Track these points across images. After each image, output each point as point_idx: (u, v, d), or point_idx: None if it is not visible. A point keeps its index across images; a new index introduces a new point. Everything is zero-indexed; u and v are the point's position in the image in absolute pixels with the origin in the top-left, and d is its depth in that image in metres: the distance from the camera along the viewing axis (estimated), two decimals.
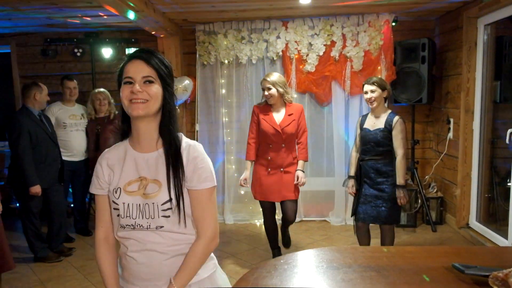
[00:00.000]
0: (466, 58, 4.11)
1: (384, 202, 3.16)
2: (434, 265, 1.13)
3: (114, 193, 1.35)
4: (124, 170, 1.37)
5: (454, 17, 4.33)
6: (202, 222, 1.34)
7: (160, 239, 1.31)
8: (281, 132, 3.39)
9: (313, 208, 4.99)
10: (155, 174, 1.33)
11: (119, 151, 1.42)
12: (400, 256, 1.19)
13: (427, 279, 0.93)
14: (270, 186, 3.44)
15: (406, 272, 1.10)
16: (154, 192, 1.30)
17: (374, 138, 3.17)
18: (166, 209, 1.30)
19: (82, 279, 3.55)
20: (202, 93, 4.94)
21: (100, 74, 5.12)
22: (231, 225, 4.86)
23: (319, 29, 4.58)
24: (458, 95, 4.30)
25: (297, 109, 3.48)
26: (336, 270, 1.11)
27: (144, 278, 1.34)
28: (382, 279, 1.05)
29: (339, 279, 1.05)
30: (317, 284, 1.04)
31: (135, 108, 1.29)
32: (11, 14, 4.17)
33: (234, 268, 3.68)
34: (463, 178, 4.29)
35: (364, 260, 1.16)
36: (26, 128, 3.65)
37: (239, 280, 1.09)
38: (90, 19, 4.40)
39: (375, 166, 3.19)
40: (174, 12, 4.24)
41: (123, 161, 1.38)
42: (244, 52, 4.72)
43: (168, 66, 1.38)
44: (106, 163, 1.41)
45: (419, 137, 4.80)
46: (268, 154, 3.45)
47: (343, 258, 1.19)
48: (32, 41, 5.15)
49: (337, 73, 4.62)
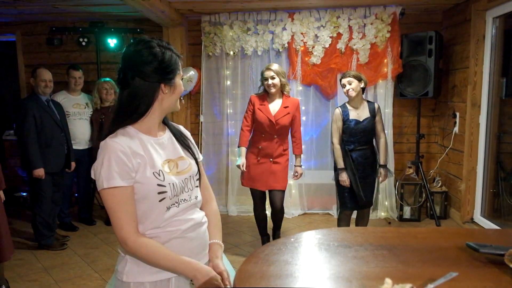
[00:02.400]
0: (473, 51, 4.07)
1: (371, 188, 3.50)
2: (447, 245, 1.12)
3: (157, 177, 1.30)
4: (153, 155, 1.33)
5: (462, 10, 4.29)
6: (208, 188, 1.55)
7: (197, 209, 1.44)
8: (274, 123, 3.48)
9: (316, 201, 4.97)
10: (176, 152, 1.41)
11: (132, 139, 1.32)
12: (412, 237, 1.18)
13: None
14: (258, 175, 3.55)
15: (419, 251, 1.08)
16: (186, 166, 1.41)
17: (366, 127, 3.41)
18: (197, 180, 1.45)
19: (86, 266, 3.56)
20: (207, 84, 4.92)
21: (105, 64, 5.10)
22: (235, 217, 4.85)
23: (325, 21, 4.55)
24: (464, 89, 4.26)
25: (293, 102, 3.57)
26: (348, 248, 1.10)
27: (196, 252, 1.38)
28: (395, 257, 1.04)
29: (351, 256, 1.04)
30: (328, 260, 1.03)
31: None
32: (17, 2, 4.16)
33: (237, 258, 3.68)
34: (469, 173, 4.27)
35: (375, 239, 1.14)
36: (31, 113, 3.68)
37: (250, 256, 1.07)
38: (96, 7, 4.38)
39: (364, 154, 3.44)
40: (180, 2, 4.22)
41: (145, 147, 1.33)
42: (250, 43, 4.69)
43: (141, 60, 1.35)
44: (129, 152, 1.28)
45: (424, 131, 4.78)
46: (259, 143, 3.55)
47: (354, 237, 1.18)
48: (37, 30, 5.14)
49: (343, 66, 4.59)
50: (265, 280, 0.92)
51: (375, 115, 3.43)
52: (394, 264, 0.99)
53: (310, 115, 4.85)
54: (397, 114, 4.85)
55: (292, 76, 4.70)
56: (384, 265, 0.97)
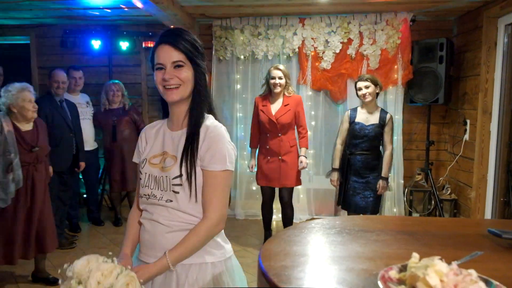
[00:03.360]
0: (485, 58, 4.07)
1: (372, 192, 3.44)
2: (468, 232, 1.11)
3: (141, 164, 1.45)
4: (154, 144, 1.45)
5: (473, 17, 4.31)
6: (209, 204, 1.32)
7: (167, 212, 1.35)
8: (275, 121, 3.65)
9: (324, 207, 4.95)
10: (175, 150, 1.38)
11: (157, 127, 1.49)
12: (432, 225, 1.17)
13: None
14: (271, 173, 3.73)
15: (440, 237, 1.08)
16: (169, 166, 1.35)
17: (370, 133, 3.40)
18: (176, 184, 1.32)
19: None
20: (217, 88, 4.96)
21: (117, 66, 5.16)
22: (242, 220, 4.84)
23: (336, 27, 4.58)
24: (475, 96, 4.25)
25: (294, 99, 3.73)
26: (369, 232, 1.10)
27: (148, 246, 1.39)
28: (416, 241, 1.03)
29: (373, 240, 1.04)
30: (350, 242, 1.03)
31: (170, 94, 1.34)
32: (32, 4, 4.23)
33: (244, 261, 3.66)
34: (479, 181, 4.23)
35: (395, 226, 1.14)
36: (43, 112, 3.71)
37: (271, 238, 1.08)
38: (110, 11, 4.45)
39: (365, 160, 3.44)
40: (192, 5, 4.27)
41: (156, 136, 1.47)
42: (260, 48, 4.73)
43: (199, 46, 1.38)
44: (145, 136, 1.51)
45: (434, 138, 4.75)
46: (267, 143, 3.73)
47: (374, 224, 1.18)
48: (51, 32, 5.22)
49: (353, 71, 4.61)
50: (290, 257, 0.92)
51: (384, 125, 3.40)
52: (416, 247, 0.99)
53: (319, 120, 4.86)
54: (407, 121, 4.85)
55: (302, 81, 4.73)
56: (406, 247, 0.97)
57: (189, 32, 1.38)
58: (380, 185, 3.42)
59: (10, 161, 2.77)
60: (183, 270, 1.32)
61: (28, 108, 2.89)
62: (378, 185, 3.43)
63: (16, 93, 2.85)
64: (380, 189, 3.43)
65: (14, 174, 2.80)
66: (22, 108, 2.87)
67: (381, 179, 3.43)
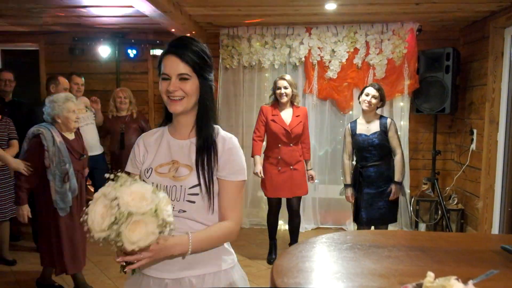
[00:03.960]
0: (492, 68, 4.07)
1: (386, 203, 3.34)
2: (480, 248, 1.11)
3: (146, 173, 1.39)
4: (158, 153, 1.41)
5: (480, 27, 4.31)
6: (230, 211, 1.34)
7: (179, 223, 1.29)
8: (290, 132, 3.64)
9: (329, 216, 4.94)
10: (187, 159, 1.36)
11: (157, 135, 1.46)
12: (444, 240, 1.17)
13: None
14: (282, 184, 3.69)
15: (453, 253, 1.07)
16: (184, 175, 1.33)
17: (373, 142, 3.33)
18: (193, 194, 1.31)
19: (99, 273, 3.56)
20: (224, 97, 4.98)
21: (124, 74, 5.20)
22: (247, 229, 4.83)
23: (342, 36, 4.60)
24: (482, 106, 4.25)
25: (303, 111, 3.77)
26: (380, 248, 1.09)
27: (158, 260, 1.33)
28: (429, 257, 1.03)
29: (385, 256, 1.04)
30: (362, 259, 1.03)
31: (173, 105, 1.33)
32: (42, 12, 4.28)
33: (250, 270, 3.65)
34: (486, 191, 4.21)
35: (407, 241, 1.14)
36: (40, 120, 3.71)
37: (283, 253, 1.08)
38: (118, 19, 4.49)
39: (378, 170, 3.35)
40: (200, 14, 4.31)
41: (158, 144, 1.43)
42: (267, 57, 4.75)
43: (206, 57, 1.36)
44: (143, 144, 1.45)
45: (440, 148, 4.74)
46: (278, 153, 3.70)
47: (385, 239, 1.17)
48: (60, 39, 5.27)
49: (359, 81, 4.62)
50: (303, 274, 0.92)
51: (386, 130, 3.34)
52: (430, 263, 0.98)
53: (325, 129, 4.86)
54: (413, 130, 4.84)
55: (308, 90, 4.74)
56: (419, 264, 0.97)
57: (198, 43, 1.36)
58: (392, 189, 3.31)
59: (66, 171, 2.88)
60: (198, 281, 1.32)
61: (72, 119, 2.96)
62: (389, 189, 3.32)
63: (61, 104, 2.92)
64: (392, 194, 3.31)
65: (70, 183, 2.91)
66: (66, 119, 2.94)
67: (393, 184, 3.32)
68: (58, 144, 2.86)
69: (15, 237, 4.31)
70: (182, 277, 1.32)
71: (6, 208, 3.66)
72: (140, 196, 1.07)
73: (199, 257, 1.33)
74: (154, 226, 1.06)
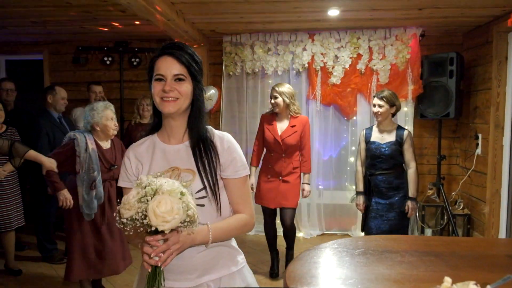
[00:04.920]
0: (496, 72, 4.06)
1: (396, 215, 3.24)
2: (494, 253, 1.09)
3: None
4: (154, 161, 1.39)
5: (483, 31, 4.31)
6: (242, 205, 1.38)
7: None
8: (281, 142, 3.53)
9: (335, 222, 4.91)
10: (188, 163, 1.35)
11: (147, 144, 1.43)
12: (456, 245, 1.16)
13: None
14: (267, 193, 3.59)
15: (467, 258, 1.06)
16: (188, 180, 1.31)
17: (386, 151, 3.24)
18: (200, 198, 1.30)
19: (104, 281, 3.53)
20: (227, 103, 4.98)
21: (128, 82, 5.21)
22: (252, 236, 4.80)
23: (345, 42, 4.60)
24: (487, 110, 4.23)
25: (301, 121, 3.59)
26: (393, 253, 1.08)
27: (176, 271, 1.33)
28: (443, 262, 1.02)
29: (398, 261, 1.02)
30: (375, 264, 1.01)
31: (166, 105, 1.31)
32: (46, 21, 4.31)
33: (256, 277, 3.61)
34: (492, 195, 4.18)
35: (419, 247, 1.12)
36: (45, 130, 3.74)
37: (296, 259, 1.06)
38: (121, 27, 4.52)
39: (387, 180, 3.26)
40: (203, 22, 4.33)
41: (151, 153, 1.40)
42: (270, 63, 4.76)
43: (199, 62, 1.38)
44: (134, 156, 1.42)
45: (445, 153, 4.72)
46: (269, 162, 3.62)
47: (397, 244, 1.16)
48: (64, 49, 5.30)
49: (362, 86, 4.61)
50: (316, 280, 0.91)
51: (402, 142, 3.23)
52: (444, 268, 0.97)
53: (329, 135, 4.85)
54: (417, 135, 4.82)
55: (311, 96, 4.74)
56: (434, 269, 0.95)
57: (190, 47, 1.38)
58: (410, 206, 3.21)
59: (94, 178, 2.89)
60: (215, 284, 1.34)
61: (110, 127, 2.97)
62: (406, 206, 3.22)
63: (101, 112, 2.93)
64: (410, 211, 3.21)
65: (97, 190, 2.92)
66: (105, 127, 2.95)
67: (409, 200, 3.22)
68: (90, 151, 2.87)
69: (21, 247, 4.30)
70: (201, 283, 1.33)
71: (12, 218, 3.65)
72: (171, 183, 1.14)
73: (215, 260, 1.34)
74: (179, 206, 1.09)
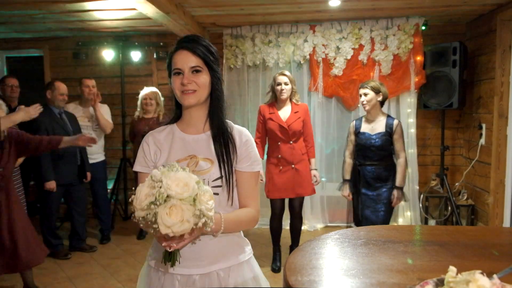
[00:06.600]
0: (499, 62, 4.01)
1: (383, 206, 3.23)
2: (500, 242, 1.07)
3: None
4: (173, 149, 1.41)
5: (486, 20, 4.25)
6: (250, 199, 1.41)
7: None
8: (287, 128, 3.50)
9: (338, 214, 4.90)
10: (206, 153, 1.38)
11: (166, 132, 1.46)
12: (462, 234, 1.14)
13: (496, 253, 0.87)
14: (284, 184, 3.53)
15: (473, 247, 1.04)
16: (207, 168, 1.35)
17: (376, 142, 3.21)
18: (216, 186, 1.35)
19: (109, 277, 3.55)
20: (229, 97, 4.94)
21: (129, 77, 5.19)
22: (256, 229, 4.79)
23: (347, 33, 4.56)
24: (491, 100, 4.19)
25: (302, 107, 3.60)
26: (396, 243, 1.06)
27: (187, 257, 1.35)
28: (448, 252, 1.00)
29: (401, 251, 1.00)
30: (378, 255, 0.99)
31: (186, 98, 1.35)
32: (45, 17, 4.29)
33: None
34: (496, 186, 4.15)
35: (423, 236, 1.10)
36: (44, 126, 3.72)
37: (296, 250, 1.05)
38: (121, 22, 4.49)
39: (375, 171, 3.24)
40: (203, 15, 4.29)
41: (170, 141, 1.44)
42: (271, 55, 4.72)
43: (214, 52, 1.41)
44: (153, 142, 1.45)
45: (448, 143, 4.69)
46: (278, 152, 3.56)
47: (400, 234, 1.14)
48: (64, 45, 5.28)
49: (365, 77, 4.56)
50: (317, 271, 0.89)
51: (391, 132, 3.18)
52: (449, 258, 0.95)
53: (331, 127, 4.82)
54: (421, 126, 4.78)
55: (313, 88, 4.70)
56: (438, 259, 0.94)
57: (205, 39, 1.41)
58: (395, 195, 3.18)
59: None
60: (225, 273, 1.37)
61: None
62: (392, 195, 3.19)
63: None
64: (395, 200, 3.18)
65: None
66: None
67: (395, 189, 3.19)
68: None
69: None
70: (210, 271, 1.35)
71: None
72: (183, 183, 1.10)
73: (226, 249, 1.37)
74: (190, 214, 1.08)
